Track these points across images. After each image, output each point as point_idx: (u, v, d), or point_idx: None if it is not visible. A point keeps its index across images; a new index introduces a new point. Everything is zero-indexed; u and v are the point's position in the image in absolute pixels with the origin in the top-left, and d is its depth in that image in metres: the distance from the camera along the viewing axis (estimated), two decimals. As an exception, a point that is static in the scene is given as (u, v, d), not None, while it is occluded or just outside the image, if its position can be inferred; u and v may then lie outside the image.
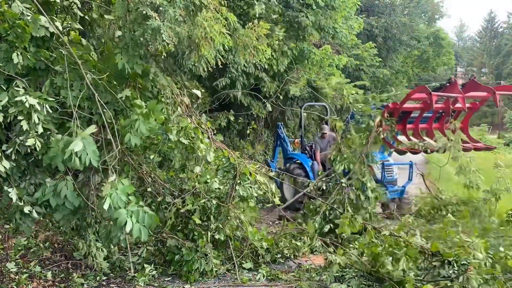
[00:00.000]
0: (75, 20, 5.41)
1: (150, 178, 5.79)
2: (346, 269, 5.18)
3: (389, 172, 8.78)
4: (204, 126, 5.94)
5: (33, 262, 5.70)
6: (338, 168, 7.09)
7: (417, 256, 4.92)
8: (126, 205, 4.10)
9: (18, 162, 4.49)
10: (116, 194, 4.06)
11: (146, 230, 4.14)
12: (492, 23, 72.37)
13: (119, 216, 4.02)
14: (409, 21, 26.80)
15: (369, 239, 5.46)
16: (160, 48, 5.41)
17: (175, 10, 5.12)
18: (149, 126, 4.59)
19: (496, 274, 4.59)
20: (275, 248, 6.20)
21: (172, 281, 5.43)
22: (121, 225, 4.01)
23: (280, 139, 10.84)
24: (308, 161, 9.54)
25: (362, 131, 7.08)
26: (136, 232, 4.06)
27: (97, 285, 5.33)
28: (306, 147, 10.16)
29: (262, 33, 9.26)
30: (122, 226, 4.01)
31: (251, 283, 5.41)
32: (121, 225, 4.01)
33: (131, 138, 4.53)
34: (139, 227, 4.09)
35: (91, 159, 4.08)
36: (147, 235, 4.15)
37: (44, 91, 4.55)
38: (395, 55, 26.96)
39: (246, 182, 5.80)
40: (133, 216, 4.08)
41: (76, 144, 3.96)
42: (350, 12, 15.68)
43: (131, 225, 4.03)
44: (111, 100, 4.83)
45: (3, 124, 4.25)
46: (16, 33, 4.33)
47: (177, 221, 5.75)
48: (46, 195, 4.42)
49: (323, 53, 14.53)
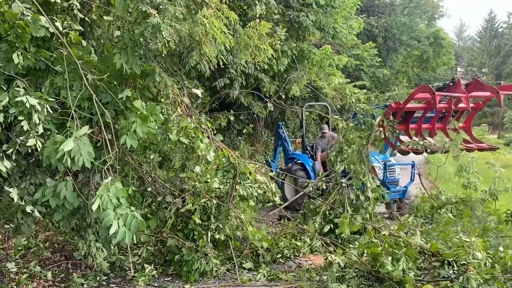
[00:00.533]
0: (75, 21, 5.41)
1: (150, 178, 5.80)
2: (346, 269, 5.18)
3: (391, 172, 8.74)
4: (204, 126, 5.95)
5: (33, 262, 5.71)
6: (338, 168, 7.08)
7: (416, 256, 4.93)
8: (115, 208, 4.07)
9: (19, 162, 4.50)
10: (107, 196, 4.04)
11: (130, 234, 4.08)
12: (492, 23, 72.35)
13: (106, 217, 4.00)
14: (409, 21, 26.80)
15: (368, 239, 5.46)
16: (160, 46, 5.41)
17: (175, 7, 5.12)
18: (147, 129, 4.59)
19: (496, 274, 4.59)
20: (275, 248, 6.21)
21: (172, 281, 5.44)
22: (106, 226, 3.99)
23: (281, 139, 10.81)
24: (309, 161, 9.53)
25: (364, 131, 7.06)
26: (120, 235, 4.01)
27: (97, 285, 5.34)
28: (307, 147, 10.15)
29: (264, 32, 9.28)
30: (107, 227, 3.99)
31: (251, 283, 5.42)
32: (106, 227, 3.99)
33: (127, 140, 4.53)
34: (124, 230, 4.05)
35: (84, 160, 4.06)
36: (130, 240, 4.08)
37: (44, 91, 4.55)
38: (395, 55, 26.96)
39: (246, 181, 5.80)
40: (120, 219, 4.05)
41: (67, 144, 3.96)
42: (350, 12, 15.68)
43: (116, 227, 3.99)
44: (111, 100, 4.83)
45: (3, 124, 4.25)
46: (16, 33, 4.33)
47: (177, 221, 5.76)
48: (46, 196, 4.42)
49: (323, 53, 14.53)
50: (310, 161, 9.54)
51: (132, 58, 4.93)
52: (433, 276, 4.76)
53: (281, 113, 15.35)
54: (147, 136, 4.68)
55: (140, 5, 4.95)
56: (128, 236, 4.06)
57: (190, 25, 5.89)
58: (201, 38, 6.19)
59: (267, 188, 6.04)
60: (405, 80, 31.26)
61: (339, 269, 5.13)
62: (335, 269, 5.08)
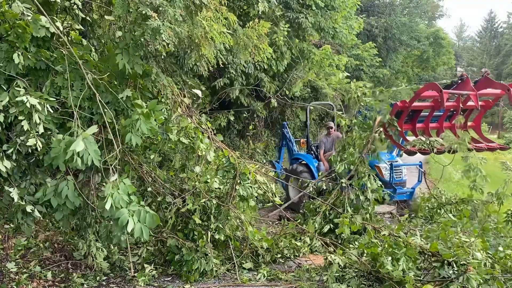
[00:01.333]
0: (77, 21, 5.42)
1: (151, 178, 5.80)
2: (346, 269, 5.19)
3: (398, 173, 8.51)
4: (204, 126, 5.95)
5: (33, 262, 5.71)
6: (338, 168, 7.04)
7: (416, 256, 4.93)
8: (127, 205, 4.10)
9: (19, 162, 4.50)
10: (118, 194, 4.06)
11: (147, 229, 4.15)
12: (492, 23, 72.42)
13: (121, 216, 4.02)
14: (409, 21, 26.77)
15: (368, 239, 5.46)
16: (160, 48, 5.42)
17: (175, 10, 5.12)
18: (150, 126, 4.60)
19: (496, 274, 4.59)
20: (275, 248, 6.21)
21: (172, 281, 5.44)
22: (123, 225, 4.01)
23: (286, 139, 10.71)
24: (314, 161, 9.46)
25: (366, 129, 6.94)
26: (137, 232, 4.07)
27: (97, 285, 5.34)
28: (312, 147, 10.08)
29: (263, 32, 9.27)
30: (123, 226, 4.02)
31: (251, 283, 5.42)
32: (123, 225, 4.01)
33: (132, 138, 4.54)
34: (141, 226, 4.10)
35: (93, 159, 4.08)
36: (148, 235, 4.16)
37: (44, 91, 4.55)
38: (395, 55, 26.94)
39: (246, 181, 5.81)
40: (134, 215, 4.09)
41: (77, 144, 3.97)
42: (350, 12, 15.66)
43: (132, 224, 4.03)
44: (112, 100, 4.83)
45: (4, 124, 4.25)
46: (16, 33, 4.33)
47: (177, 221, 5.76)
48: (47, 195, 4.42)
49: (323, 53, 14.52)
50: (315, 162, 9.45)
51: (133, 58, 4.94)
52: (433, 276, 4.77)
53: (281, 113, 15.34)
54: (151, 133, 4.69)
55: (140, 6, 4.95)
56: (145, 231, 4.13)
57: (190, 27, 5.89)
58: (200, 40, 6.19)
59: (267, 189, 6.04)
60: (405, 80, 31.24)
61: (339, 269, 5.14)
62: (335, 269, 5.09)
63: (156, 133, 5.02)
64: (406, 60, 30.40)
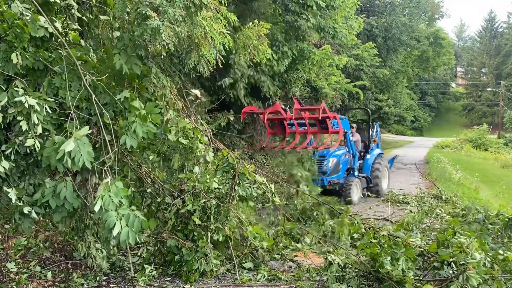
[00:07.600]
0: (73, 21, 5.40)
1: (150, 179, 5.79)
2: (346, 269, 5.18)
3: (321, 165, 11.16)
4: (202, 127, 5.94)
5: (33, 262, 5.70)
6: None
7: (415, 257, 4.92)
8: (117, 208, 4.07)
9: (18, 162, 4.49)
10: (108, 196, 4.03)
11: (134, 234, 4.08)
12: (492, 23, 72.35)
13: (108, 219, 3.99)
14: (409, 21, 26.74)
15: (367, 239, 5.45)
16: (159, 48, 5.41)
17: (174, 10, 5.11)
18: (146, 129, 4.58)
19: (495, 274, 4.58)
20: (275, 249, 6.20)
21: (172, 281, 5.43)
22: (109, 227, 3.98)
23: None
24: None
25: None
26: (124, 236, 4.01)
27: (97, 285, 5.33)
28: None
29: (262, 32, 9.25)
30: (110, 228, 3.99)
31: (251, 283, 5.41)
32: (109, 228, 3.99)
33: (127, 140, 4.53)
34: (127, 231, 4.04)
35: (84, 160, 4.06)
36: (134, 240, 4.07)
37: (42, 91, 4.54)
38: (395, 55, 26.89)
39: (245, 182, 5.80)
40: (122, 219, 4.04)
41: (68, 144, 3.95)
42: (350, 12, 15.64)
43: (119, 228, 3.98)
44: (110, 101, 4.82)
45: (2, 124, 4.25)
46: (15, 33, 4.33)
47: (177, 222, 5.75)
48: (46, 196, 4.41)
49: (323, 53, 14.51)
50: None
51: (132, 58, 4.93)
52: (433, 276, 4.76)
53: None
54: (147, 136, 4.68)
55: (139, 7, 4.94)
56: (131, 236, 4.07)
57: (189, 27, 5.88)
58: (200, 40, 6.18)
59: (267, 189, 6.03)
60: (405, 80, 31.25)
61: (339, 269, 5.13)
62: (335, 269, 5.08)
63: (153, 136, 5.01)
64: (406, 60, 30.35)
